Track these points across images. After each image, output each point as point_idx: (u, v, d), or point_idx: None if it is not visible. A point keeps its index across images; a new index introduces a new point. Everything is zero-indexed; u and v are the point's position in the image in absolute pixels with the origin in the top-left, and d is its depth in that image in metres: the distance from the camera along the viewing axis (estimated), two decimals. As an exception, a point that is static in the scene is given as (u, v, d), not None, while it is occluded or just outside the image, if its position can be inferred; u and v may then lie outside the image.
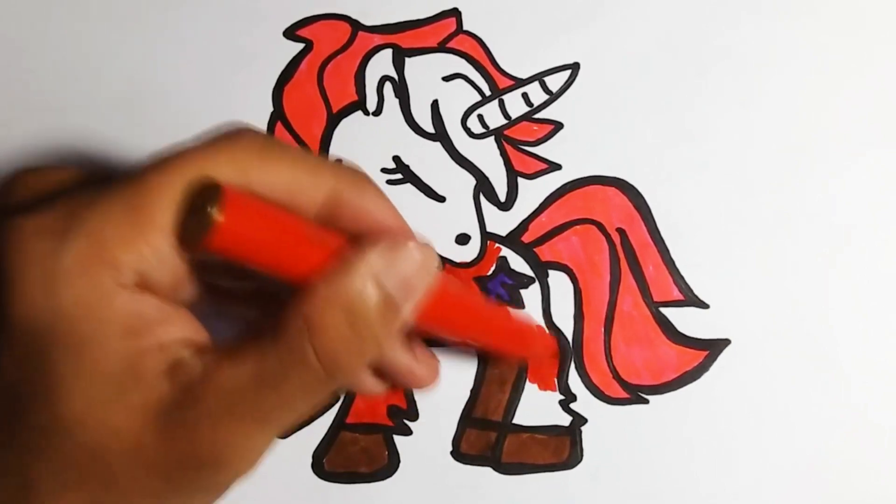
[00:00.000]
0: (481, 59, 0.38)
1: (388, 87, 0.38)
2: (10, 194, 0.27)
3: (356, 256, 0.25)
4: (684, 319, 0.36)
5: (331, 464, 0.36)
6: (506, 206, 0.37)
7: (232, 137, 0.26)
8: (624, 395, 0.36)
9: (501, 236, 0.37)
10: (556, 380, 0.36)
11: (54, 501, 0.25)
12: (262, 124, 0.38)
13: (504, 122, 0.38)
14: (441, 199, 0.37)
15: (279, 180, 0.26)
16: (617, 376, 0.36)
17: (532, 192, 0.37)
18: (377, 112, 0.38)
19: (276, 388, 0.25)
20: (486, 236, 0.37)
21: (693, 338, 0.36)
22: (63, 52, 0.39)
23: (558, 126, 0.38)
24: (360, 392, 0.35)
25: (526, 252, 0.37)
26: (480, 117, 0.38)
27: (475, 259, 0.37)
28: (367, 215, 0.27)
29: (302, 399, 0.25)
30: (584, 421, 0.36)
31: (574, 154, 0.37)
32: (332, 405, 0.37)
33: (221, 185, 0.24)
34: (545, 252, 0.37)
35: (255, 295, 0.30)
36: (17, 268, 0.24)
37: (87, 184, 0.26)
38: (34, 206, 0.25)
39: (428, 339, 0.34)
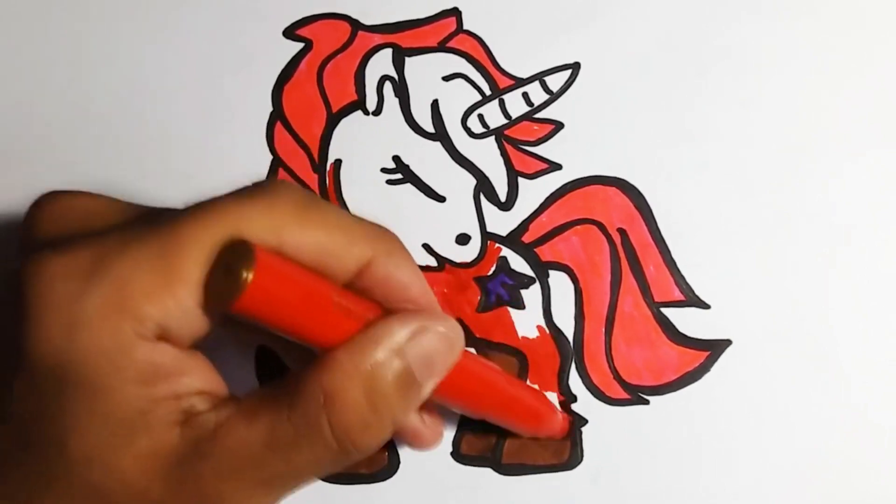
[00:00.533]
0: (481, 58, 0.38)
1: (387, 86, 0.38)
2: (36, 223, 0.27)
3: (382, 330, 0.25)
4: (685, 320, 0.36)
5: (330, 465, 0.36)
6: (506, 206, 0.37)
7: (270, 193, 0.25)
8: (624, 395, 0.36)
9: (502, 236, 0.37)
10: (556, 380, 0.36)
11: None
12: (261, 124, 0.38)
13: (504, 121, 0.38)
14: (441, 199, 0.37)
15: (313, 243, 0.25)
16: (617, 377, 0.36)
17: (532, 192, 0.37)
18: (377, 112, 0.38)
19: (287, 455, 0.25)
20: (487, 236, 0.37)
21: (694, 338, 0.36)
22: (61, 51, 0.39)
23: (559, 126, 0.37)
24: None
25: (526, 252, 0.37)
26: (481, 117, 0.37)
27: (475, 259, 0.37)
28: (397, 286, 0.27)
29: (310, 469, 0.25)
30: (585, 422, 0.36)
31: (575, 154, 0.37)
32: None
33: (255, 248, 0.23)
34: (546, 252, 0.37)
35: (280, 344, 0.30)
36: (40, 307, 0.24)
37: (117, 222, 0.26)
38: (62, 244, 0.25)
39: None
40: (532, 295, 0.37)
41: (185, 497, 0.25)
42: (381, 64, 0.38)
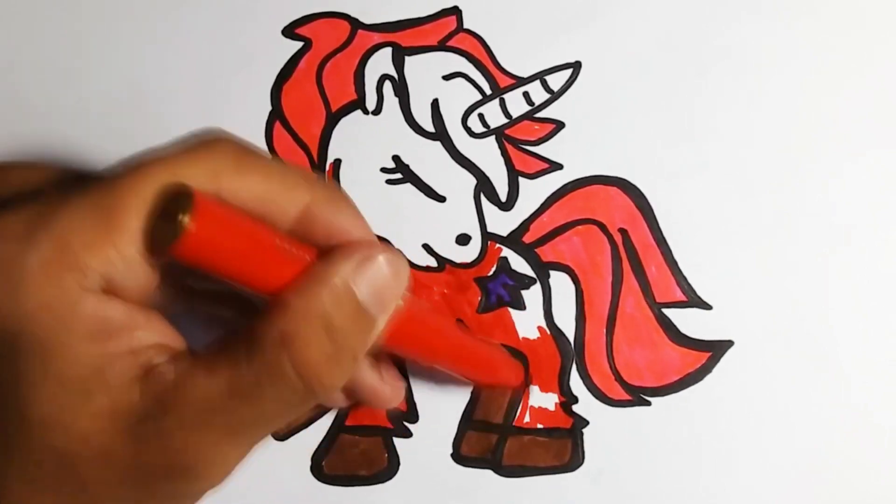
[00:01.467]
0: (482, 57, 0.38)
1: (387, 85, 0.38)
2: None
3: (330, 268, 0.25)
4: (687, 320, 0.36)
5: (330, 466, 0.36)
6: (507, 206, 0.37)
7: (208, 144, 0.26)
8: (626, 396, 0.36)
9: (502, 236, 0.37)
10: (557, 381, 0.36)
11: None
12: (260, 123, 0.38)
13: (505, 121, 0.37)
14: (441, 198, 0.37)
15: (253, 190, 0.26)
16: (619, 378, 0.36)
17: (533, 192, 0.37)
18: (377, 111, 0.38)
19: (251, 401, 0.24)
20: (487, 236, 0.37)
21: (696, 339, 0.36)
22: (60, 50, 0.39)
23: (560, 125, 0.37)
24: (329, 404, 0.35)
25: (527, 252, 0.37)
26: (481, 116, 0.37)
27: (476, 259, 0.37)
28: (339, 231, 0.27)
29: (277, 414, 0.25)
30: (586, 423, 0.36)
31: (576, 153, 0.37)
32: (327, 410, 0.36)
33: (193, 192, 0.23)
34: (546, 252, 0.37)
35: (228, 296, 0.30)
36: None
37: (56, 185, 0.26)
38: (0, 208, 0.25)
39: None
40: (533, 295, 0.37)
41: (150, 453, 0.24)
42: (381, 63, 0.38)
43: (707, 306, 0.36)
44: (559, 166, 0.37)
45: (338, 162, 0.38)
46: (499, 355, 0.36)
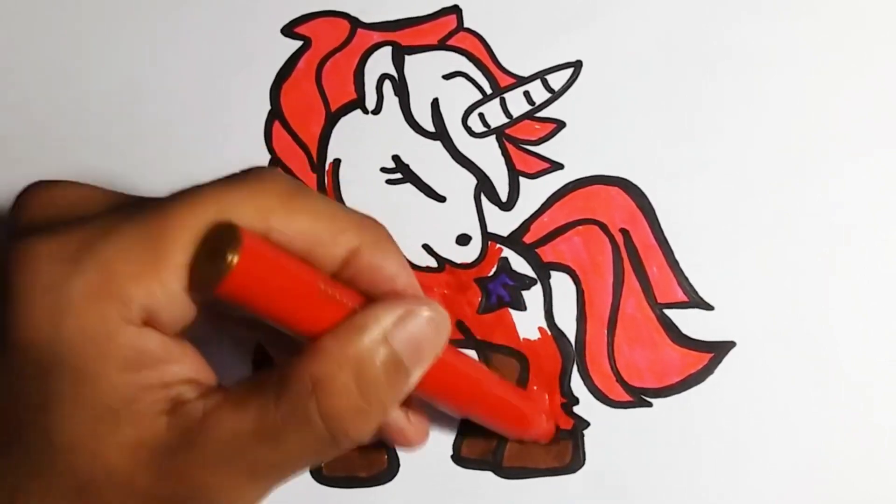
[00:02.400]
0: (482, 56, 0.38)
1: (387, 85, 0.38)
2: (24, 210, 0.27)
3: (368, 316, 0.25)
4: (688, 321, 0.36)
5: (329, 468, 0.36)
6: (507, 206, 0.37)
7: (258, 180, 0.25)
8: (627, 398, 0.36)
9: (503, 237, 0.37)
10: (558, 382, 0.36)
11: None
12: (259, 123, 0.38)
13: (505, 120, 0.37)
14: (441, 198, 0.37)
15: (301, 230, 0.25)
16: (620, 379, 0.36)
17: (534, 192, 0.37)
18: (376, 111, 0.38)
19: (276, 444, 0.24)
20: (488, 237, 0.37)
21: (697, 340, 0.36)
22: (59, 49, 0.39)
23: (560, 125, 0.37)
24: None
25: (528, 253, 0.37)
26: (481, 116, 0.37)
27: (476, 260, 0.37)
28: (384, 278, 0.27)
29: (300, 459, 0.25)
30: (587, 424, 0.36)
31: (576, 153, 0.37)
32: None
33: (241, 231, 0.23)
34: (547, 253, 0.37)
35: (263, 324, 0.30)
36: (25, 292, 0.24)
37: (104, 210, 0.26)
38: (48, 230, 0.25)
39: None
40: (533, 296, 0.37)
41: (171, 487, 0.24)
42: (381, 62, 0.38)
43: (709, 307, 0.36)
44: (560, 166, 0.37)
45: (337, 162, 0.37)
46: (530, 408, 0.35)
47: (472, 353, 0.36)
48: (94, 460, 0.24)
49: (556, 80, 0.37)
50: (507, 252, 0.37)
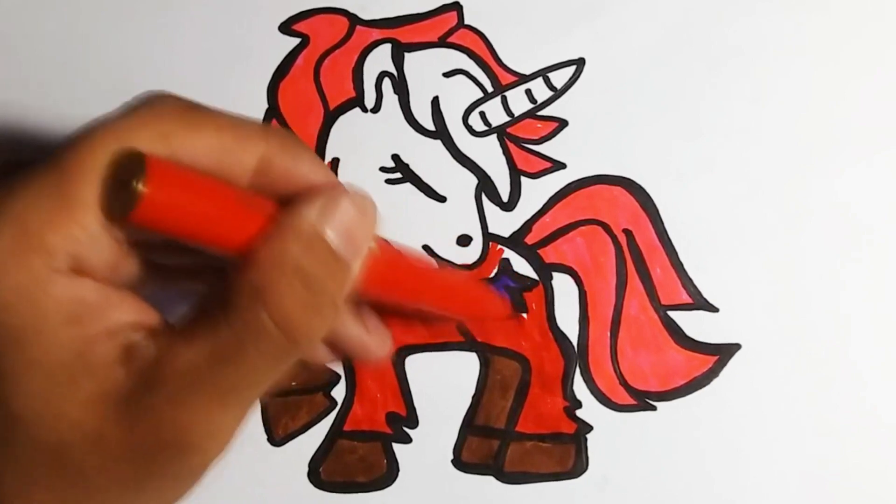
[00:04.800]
0: (483, 54, 0.38)
1: (386, 83, 0.38)
2: None
3: (294, 215, 0.25)
4: (693, 323, 0.36)
5: (328, 473, 0.36)
6: (508, 206, 0.37)
7: (153, 105, 0.25)
8: (631, 401, 0.36)
9: (504, 237, 0.37)
10: (560, 386, 0.36)
11: (21, 502, 0.24)
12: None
13: (507, 119, 0.37)
14: (442, 198, 0.37)
15: (205, 147, 0.25)
16: (623, 382, 0.36)
17: (535, 192, 0.37)
18: (376, 109, 0.37)
19: (236, 362, 0.24)
20: (489, 237, 0.37)
21: (702, 342, 0.36)
22: (57, 46, 0.39)
23: (563, 123, 0.37)
24: (313, 362, 0.35)
25: (529, 254, 0.36)
26: (482, 114, 0.37)
27: (477, 261, 0.37)
28: (300, 178, 0.27)
29: (263, 371, 0.25)
30: (590, 428, 0.36)
31: (579, 152, 0.37)
32: (328, 412, 0.36)
33: (144, 156, 0.23)
34: (549, 254, 0.36)
35: (202, 269, 0.30)
36: None
37: (8, 173, 0.25)
38: None
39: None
40: (535, 298, 0.36)
41: (143, 432, 0.24)
42: (380, 60, 0.38)
43: (713, 309, 0.36)
44: (562, 165, 0.37)
45: (336, 161, 0.37)
46: (481, 287, 0.35)
47: (473, 355, 0.36)
48: (59, 422, 0.24)
49: (559, 78, 0.37)
50: (508, 253, 0.37)
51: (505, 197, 0.37)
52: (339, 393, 0.36)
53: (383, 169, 0.37)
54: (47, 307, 0.23)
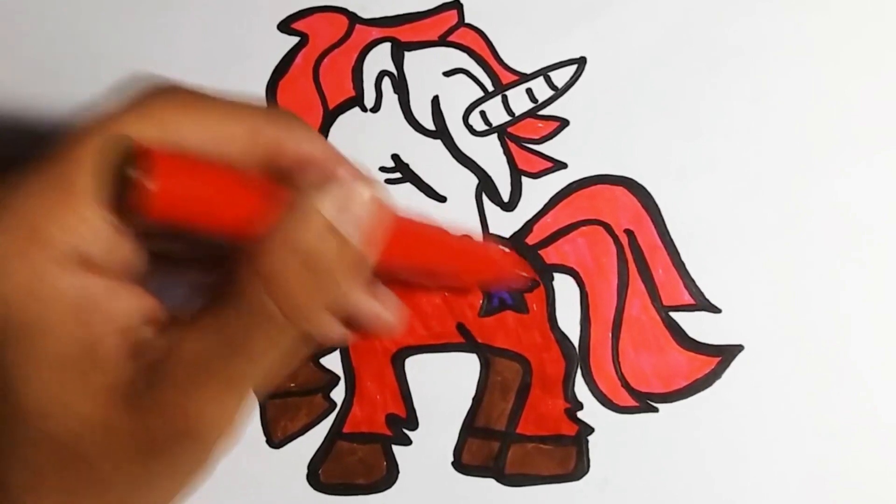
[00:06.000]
0: (484, 53, 0.37)
1: (386, 82, 0.37)
2: None
3: (306, 204, 0.24)
4: (695, 324, 0.36)
5: (327, 475, 0.36)
6: (509, 206, 0.37)
7: (152, 94, 0.25)
8: (632, 403, 0.35)
9: (505, 238, 0.37)
10: (561, 387, 0.36)
11: (31, 497, 0.24)
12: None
13: (507, 118, 0.37)
14: (442, 198, 0.37)
15: (206, 133, 0.25)
16: (625, 383, 0.36)
17: (536, 192, 0.37)
18: (375, 108, 0.37)
19: (245, 351, 0.24)
20: (489, 238, 0.37)
21: (704, 343, 0.36)
22: (56, 45, 0.39)
23: (564, 123, 0.37)
24: (329, 341, 0.35)
25: (530, 254, 0.36)
26: (483, 114, 0.37)
27: (477, 261, 0.36)
28: (304, 156, 0.27)
29: (270, 354, 0.25)
30: (591, 430, 0.35)
31: (580, 152, 0.37)
32: (327, 414, 0.36)
33: (147, 148, 0.23)
34: (550, 254, 0.36)
35: (208, 259, 0.30)
36: None
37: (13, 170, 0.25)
38: None
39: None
40: (536, 298, 0.36)
41: (153, 423, 0.24)
42: (380, 59, 0.38)
43: (716, 309, 0.36)
44: (563, 165, 0.37)
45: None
46: (493, 248, 0.35)
47: (473, 356, 0.36)
48: (69, 415, 0.24)
49: (560, 77, 0.37)
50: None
51: (506, 197, 0.37)
52: (338, 394, 0.36)
53: (383, 169, 0.37)
54: (54, 302, 0.23)
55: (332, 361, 0.36)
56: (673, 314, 0.36)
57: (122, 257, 0.25)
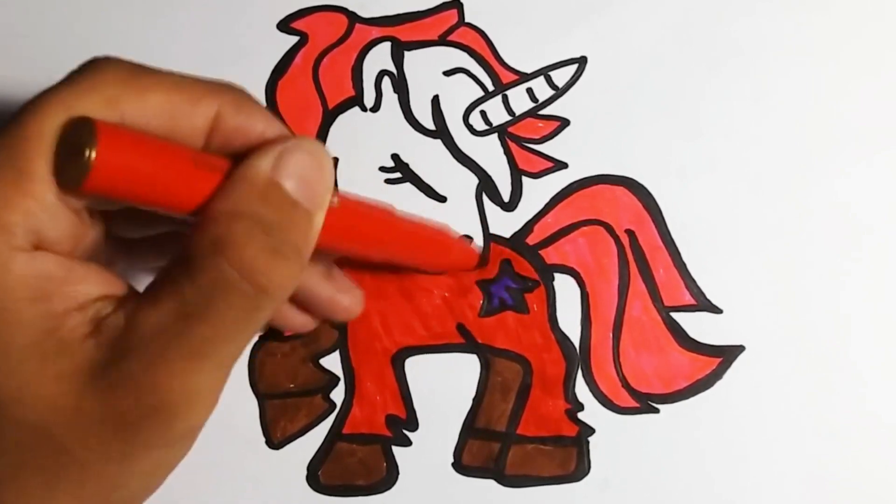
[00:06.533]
0: (484, 52, 0.37)
1: (386, 81, 0.37)
2: None
3: (248, 167, 0.25)
4: (696, 325, 0.36)
5: (327, 476, 0.36)
6: (510, 206, 0.37)
7: (99, 70, 0.25)
8: (633, 403, 0.35)
9: (505, 238, 0.36)
10: (562, 388, 0.35)
11: (9, 486, 0.24)
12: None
13: (508, 118, 0.37)
14: (442, 199, 0.37)
15: (155, 109, 0.25)
16: (626, 384, 0.35)
17: (537, 192, 0.37)
18: (375, 108, 0.37)
19: (205, 319, 0.24)
20: (490, 238, 0.36)
21: (705, 344, 0.35)
22: (55, 45, 0.39)
23: (564, 123, 0.37)
24: (288, 328, 0.34)
25: (531, 254, 0.36)
26: (483, 114, 0.37)
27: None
28: (254, 134, 0.26)
29: (236, 325, 0.25)
30: (592, 431, 0.35)
31: (581, 152, 0.37)
32: (327, 415, 0.36)
33: (93, 122, 0.23)
34: (551, 254, 0.36)
35: (165, 241, 0.30)
36: None
37: None
38: None
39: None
40: (537, 299, 0.36)
41: (121, 401, 0.24)
42: (380, 58, 0.37)
43: (717, 310, 0.36)
44: (564, 165, 0.37)
45: (335, 161, 0.37)
46: (446, 236, 0.35)
47: (473, 357, 0.36)
48: (37, 403, 0.24)
49: (560, 77, 0.37)
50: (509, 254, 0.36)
51: (506, 197, 0.37)
52: (337, 395, 0.36)
53: (383, 168, 0.37)
54: (11, 286, 0.23)
55: (332, 362, 0.36)
56: (674, 314, 0.36)
57: (80, 236, 0.25)
